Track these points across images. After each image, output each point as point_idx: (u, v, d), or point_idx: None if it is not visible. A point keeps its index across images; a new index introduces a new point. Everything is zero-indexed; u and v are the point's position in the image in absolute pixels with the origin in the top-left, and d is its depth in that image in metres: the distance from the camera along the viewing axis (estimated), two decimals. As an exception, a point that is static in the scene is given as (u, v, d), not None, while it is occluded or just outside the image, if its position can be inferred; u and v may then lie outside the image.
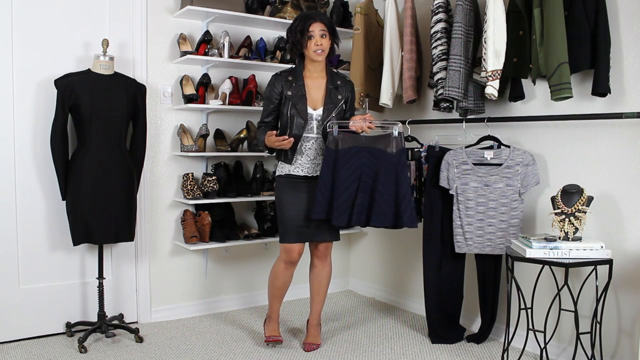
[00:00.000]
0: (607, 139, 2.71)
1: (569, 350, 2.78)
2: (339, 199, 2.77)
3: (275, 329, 3.07)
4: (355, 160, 2.80)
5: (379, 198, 2.78)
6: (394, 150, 2.81)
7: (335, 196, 2.78)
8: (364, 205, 2.80)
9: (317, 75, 2.95)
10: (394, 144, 2.81)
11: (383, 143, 2.82)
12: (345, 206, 2.78)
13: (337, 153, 2.79)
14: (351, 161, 2.80)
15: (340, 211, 2.77)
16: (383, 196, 2.77)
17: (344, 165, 2.79)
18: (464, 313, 3.36)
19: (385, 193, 2.78)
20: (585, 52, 2.61)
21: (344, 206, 2.78)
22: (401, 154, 2.82)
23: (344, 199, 2.78)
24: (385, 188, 2.78)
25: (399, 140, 2.82)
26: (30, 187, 3.13)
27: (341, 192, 2.78)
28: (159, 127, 3.49)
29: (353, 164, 2.80)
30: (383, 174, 2.79)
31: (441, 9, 3.14)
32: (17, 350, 2.97)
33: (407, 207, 2.78)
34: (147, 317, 3.49)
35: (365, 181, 2.80)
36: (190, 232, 3.42)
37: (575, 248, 2.49)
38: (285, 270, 2.97)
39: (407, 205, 2.78)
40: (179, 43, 3.47)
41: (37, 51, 3.11)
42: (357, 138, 2.83)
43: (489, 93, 2.87)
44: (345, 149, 2.80)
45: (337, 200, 2.77)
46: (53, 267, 3.20)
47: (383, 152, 2.81)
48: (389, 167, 2.79)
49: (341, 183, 2.78)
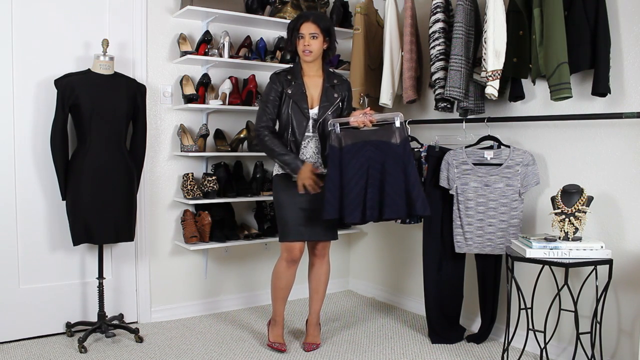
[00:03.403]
0: (607, 139, 2.71)
1: (569, 350, 2.78)
2: (349, 195, 2.74)
3: (280, 335, 3.05)
4: (360, 155, 2.78)
5: (389, 190, 2.74)
6: (398, 140, 2.77)
7: (345, 193, 2.74)
8: (375, 200, 2.76)
9: (314, 74, 2.95)
10: (397, 134, 2.78)
11: (386, 135, 2.79)
12: (357, 202, 2.74)
13: (342, 150, 2.78)
14: (357, 157, 2.77)
15: (352, 208, 2.74)
16: (393, 187, 2.74)
17: (350, 161, 2.77)
18: (464, 313, 3.36)
19: (394, 184, 2.74)
20: (585, 52, 2.61)
21: (355, 202, 2.74)
22: (405, 144, 2.78)
23: (354, 195, 2.74)
24: (394, 179, 2.74)
25: (401, 130, 2.79)
26: (30, 187, 3.13)
27: (351, 189, 2.74)
28: (159, 127, 3.49)
29: (359, 159, 2.77)
30: (390, 165, 2.75)
31: (439, 9, 3.14)
32: (17, 350, 2.97)
33: (418, 194, 2.74)
34: (147, 317, 3.49)
35: (373, 175, 2.77)
36: (190, 232, 3.42)
37: (575, 248, 2.49)
38: (288, 270, 2.96)
39: (418, 192, 2.74)
40: (179, 43, 3.47)
41: (37, 51, 3.11)
42: (359, 133, 2.80)
43: (489, 93, 2.87)
44: (349, 145, 2.78)
45: (347, 197, 2.74)
46: (53, 267, 3.20)
47: (387, 144, 2.77)
48: (395, 158, 2.76)
49: (349, 179, 2.75)
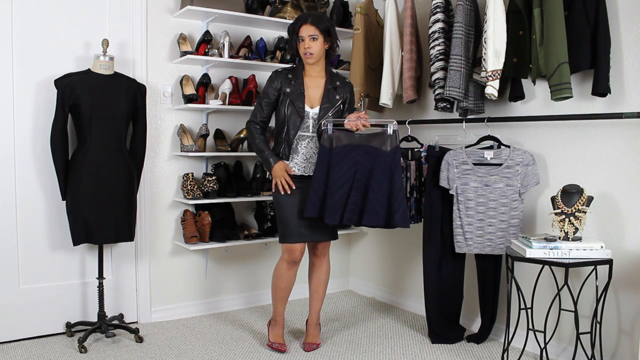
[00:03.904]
0: (607, 139, 2.71)
1: (569, 350, 2.78)
2: (333, 197, 2.75)
3: (280, 335, 3.05)
4: (349, 158, 2.78)
5: (372, 197, 2.75)
6: (389, 148, 2.78)
7: (329, 194, 2.75)
8: (356, 204, 2.77)
9: (316, 75, 2.94)
10: (389, 142, 2.78)
11: (378, 141, 2.79)
12: (338, 205, 2.75)
13: (332, 151, 2.78)
14: (345, 159, 2.78)
15: (333, 210, 2.75)
16: (377, 194, 2.74)
17: (338, 163, 2.77)
18: (464, 313, 3.36)
19: (379, 191, 2.75)
20: (585, 52, 2.61)
21: (337, 205, 2.75)
22: (395, 152, 2.78)
23: (337, 198, 2.75)
24: (379, 186, 2.75)
25: (393, 139, 2.79)
26: (30, 187, 3.13)
27: (335, 191, 2.75)
28: (159, 127, 3.49)
29: (347, 162, 2.78)
30: (377, 172, 2.76)
31: (439, 9, 3.14)
32: (17, 350, 2.97)
33: (399, 206, 2.74)
34: (147, 317, 3.49)
35: (359, 180, 2.78)
36: (190, 232, 3.42)
37: (575, 248, 2.49)
38: (289, 271, 2.96)
39: (399, 204, 2.74)
40: (179, 43, 3.47)
41: (37, 51, 3.11)
42: (351, 136, 2.81)
43: (489, 93, 2.87)
44: (339, 147, 2.78)
45: (330, 198, 2.75)
46: (53, 267, 3.20)
47: (378, 150, 2.78)
48: (383, 165, 2.76)
49: (335, 181, 2.76)
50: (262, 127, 2.97)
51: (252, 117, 2.97)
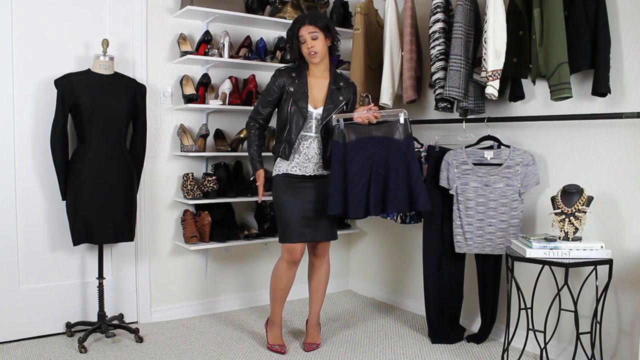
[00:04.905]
0: (607, 139, 2.71)
1: (569, 350, 2.78)
2: (353, 191, 2.77)
3: (279, 336, 3.05)
4: (364, 151, 2.80)
5: (392, 185, 2.78)
6: (402, 136, 2.80)
7: (349, 189, 2.77)
8: (378, 195, 2.80)
9: (320, 75, 2.94)
10: (401, 130, 2.80)
11: (390, 131, 2.81)
12: (360, 197, 2.78)
13: (346, 146, 2.80)
14: (361, 152, 2.80)
15: (356, 203, 2.77)
16: (396, 183, 2.78)
17: (354, 157, 2.79)
18: (464, 313, 3.36)
19: (397, 179, 2.78)
20: (585, 52, 2.61)
21: (359, 198, 2.78)
22: (409, 140, 2.81)
23: (358, 191, 2.78)
24: (397, 174, 2.78)
25: (405, 127, 2.81)
26: (30, 187, 3.13)
27: (355, 184, 2.77)
28: (159, 127, 3.49)
29: (363, 155, 2.80)
30: (394, 162, 2.79)
31: (439, 9, 3.14)
32: (17, 350, 2.97)
33: (420, 190, 2.78)
34: (147, 317, 3.49)
35: (377, 171, 2.80)
36: (190, 232, 3.42)
37: (575, 248, 2.49)
38: (288, 271, 2.96)
39: (420, 188, 2.78)
40: (179, 43, 3.47)
41: (37, 51, 3.11)
42: (363, 129, 2.82)
43: (489, 93, 2.87)
44: (353, 141, 2.80)
45: (351, 192, 2.77)
46: (53, 267, 3.20)
47: (391, 140, 2.80)
48: (398, 154, 2.79)
49: (353, 176, 2.78)
50: (262, 126, 2.98)
51: (253, 115, 2.97)
